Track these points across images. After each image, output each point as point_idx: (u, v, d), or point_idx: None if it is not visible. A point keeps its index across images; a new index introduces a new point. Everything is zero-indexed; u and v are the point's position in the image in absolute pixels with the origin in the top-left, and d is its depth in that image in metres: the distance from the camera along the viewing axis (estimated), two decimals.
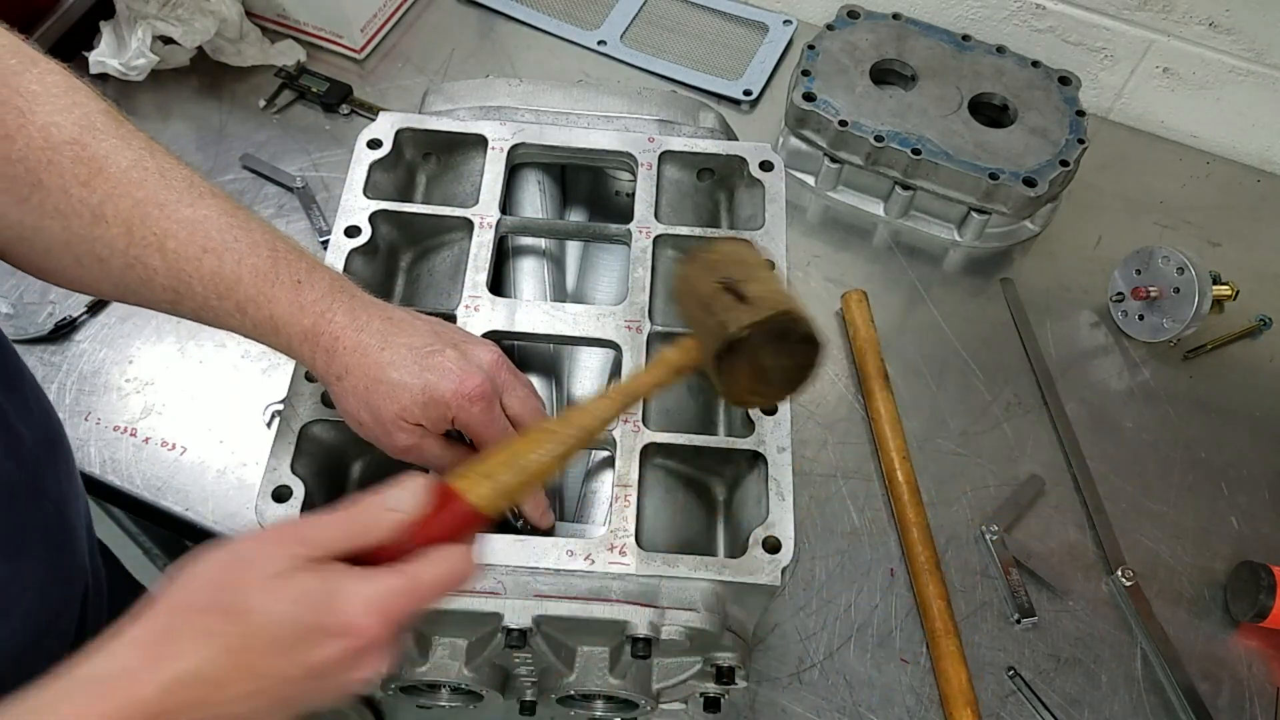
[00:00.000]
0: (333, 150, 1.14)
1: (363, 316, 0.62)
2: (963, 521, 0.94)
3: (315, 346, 0.62)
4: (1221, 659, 0.89)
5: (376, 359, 0.61)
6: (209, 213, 0.61)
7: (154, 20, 1.12)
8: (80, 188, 0.58)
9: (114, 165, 0.59)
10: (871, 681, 0.86)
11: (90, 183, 0.58)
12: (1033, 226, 1.14)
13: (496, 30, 1.29)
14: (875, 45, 1.15)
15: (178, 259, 0.60)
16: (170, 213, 0.60)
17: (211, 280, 0.60)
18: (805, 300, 1.06)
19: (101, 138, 0.59)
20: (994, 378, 1.04)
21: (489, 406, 0.63)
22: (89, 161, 0.59)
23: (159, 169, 0.61)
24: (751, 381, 0.56)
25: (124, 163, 0.59)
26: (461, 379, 0.62)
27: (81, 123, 0.59)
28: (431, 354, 0.62)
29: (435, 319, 0.67)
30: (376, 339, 0.62)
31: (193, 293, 0.61)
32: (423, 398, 0.61)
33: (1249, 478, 0.99)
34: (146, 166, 0.60)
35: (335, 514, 0.48)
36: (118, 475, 0.91)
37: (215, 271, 0.60)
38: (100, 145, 0.59)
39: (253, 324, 0.62)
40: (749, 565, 0.66)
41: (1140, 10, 1.16)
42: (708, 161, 0.86)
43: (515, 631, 0.64)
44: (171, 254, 0.60)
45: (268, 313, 0.61)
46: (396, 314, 0.64)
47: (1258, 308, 1.10)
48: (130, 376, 0.96)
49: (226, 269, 0.60)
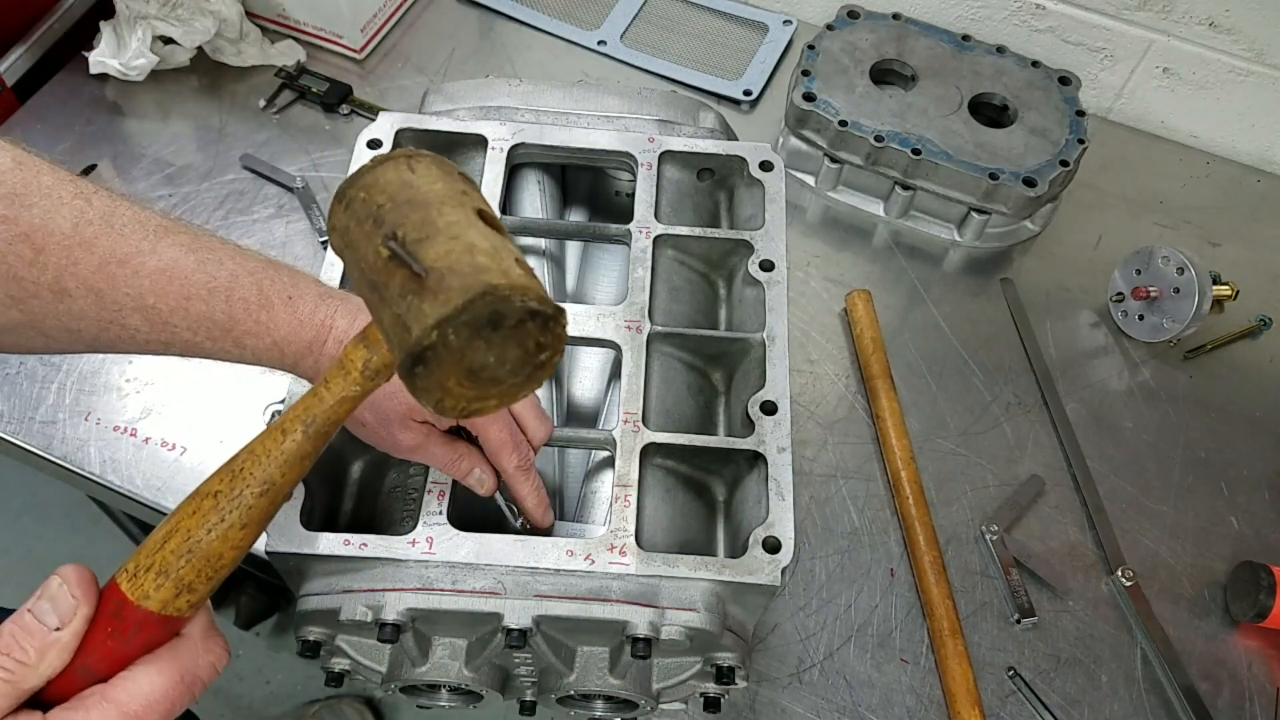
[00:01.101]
0: (333, 150, 1.14)
1: (361, 317, 0.61)
2: (963, 521, 0.94)
3: (319, 356, 0.61)
4: (1221, 659, 0.89)
5: None
6: (175, 254, 0.57)
7: (154, 20, 1.12)
8: (29, 268, 0.53)
9: (56, 231, 0.53)
10: (871, 681, 0.86)
11: (38, 260, 0.53)
12: (1033, 226, 1.14)
13: (496, 30, 1.29)
14: (875, 45, 1.15)
15: (159, 314, 0.57)
16: (136, 267, 0.55)
17: (202, 324, 0.58)
18: (805, 300, 1.07)
19: (30, 203, 0.53)
20: (994, 378, 1.04)
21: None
22: (27, 238, 0.53)
23: (103, 219, 0.55)
24: (467, 387, 0.41)
25: (65, 226, 0.54)
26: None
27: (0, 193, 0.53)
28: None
29: None
30: None
31: (182, 340, 0.59)
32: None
33: (1249, 478, 0.99)
34: (90, 220, 0.55)
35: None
36: (118, 475, 0.91)
37: (205, 316, 0.58)
38: (32, 214, 0.53)
39: (253, 354, 0.60)
40: (749, 565, 0.66)
41: (1140, 10, 1.16)
42: (708, 161, 0.86)
43: (515, 631, 0.64)
44: (152, 310, 0.57)
45: (269, 340, 0.59)
46: None
47: (1258, 308, 1.10)
48: (130, 376, 0.96)
49: (217, 312, 0.58)
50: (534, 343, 0.41)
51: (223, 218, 1.07)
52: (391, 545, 0.65)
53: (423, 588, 0.65)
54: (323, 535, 0.65)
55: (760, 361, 0.75)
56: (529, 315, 0.40)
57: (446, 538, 0.65)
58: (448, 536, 0.66)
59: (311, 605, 0.66)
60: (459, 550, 0.65)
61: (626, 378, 0.73)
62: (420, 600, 0.64)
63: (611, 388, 0.82)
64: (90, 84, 1.15)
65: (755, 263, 0.80)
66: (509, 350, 0.41)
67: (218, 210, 1.08)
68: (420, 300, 0.39)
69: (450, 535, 0.66)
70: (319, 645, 0.69)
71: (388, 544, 0.65)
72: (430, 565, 0.65)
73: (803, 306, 1.07)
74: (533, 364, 0.42)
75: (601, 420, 0.81)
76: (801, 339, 1.04)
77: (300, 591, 0.68)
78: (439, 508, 0.67)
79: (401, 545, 0.65)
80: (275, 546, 0.65)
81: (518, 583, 0.65)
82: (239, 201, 1.09)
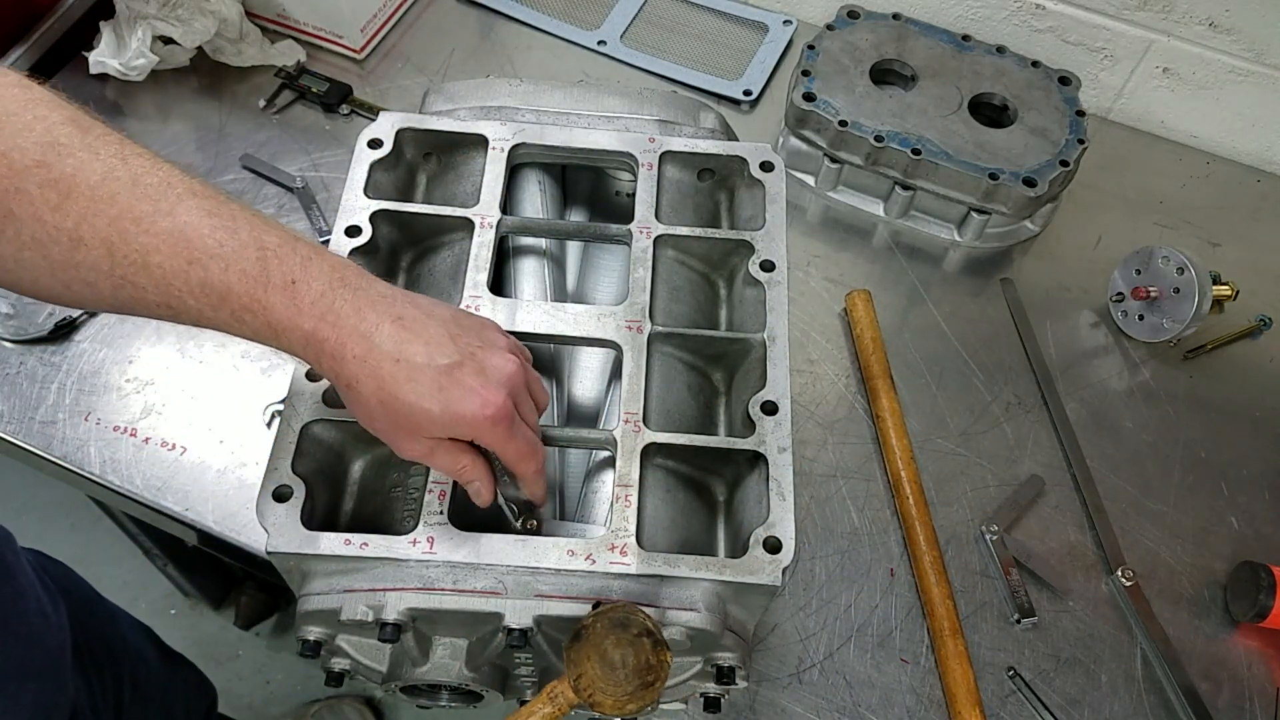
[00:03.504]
0: (333, 150, 1.14)
1: (370, 317, 0.59)
2: (963, 521, 0.94)
3: (320, 352, 0.59)
4: (1221, 659, 0.89)
5: (391, 373, 0.58)
6: (191, 218, 0.57)
7: (154, 20, 1.12)
8: (53, 213, 0.55)
9: (84, 183, 0.56)
10: (871, 681, 0.86)
11: (62, 206, 0.55)
12: (1033, 226, 1.14)
13: (496, 30, 1.29)
14: (875, 45, 1.15)
15: (164, 274, 0.57)
16: (148, 226, 0.56)
17: (202, 292, 0.57)
18: (805, 300, 1.07)
19: (66, 155, 0.56)
20: (994, 378, 1.04)
21: (510, 425, 0.61)
22: (57, 184, 0.55)
23: (132, 178, 0.57)
24: (599, 669, 0.58)
25: (94, 178, 0.56)
26: (484, 401, 0.59)
27: (44, 140, 0.56)
28: (449, 370, 0.59)
29: (450, 309, 0.64)
30: (390, 345, 0.58)
31: (186, 306, 0.58)
32: (443, 419, 0.59)
33: (1249, 478, 0.99)
34: (119, 177, 0.57)
35: None
36: (118, 475, 0.91)
37: (204, 282, 0.57)
38: (66, 164, 0.56)
39: (252, 331, 0.59)
40: (750, 565, 0.66)
41: (1140, 10, 1.16)
42: (708, 162, 0.86)
43: (516, 631, 0.64)
44: (157, 269, 0.57)
45: (264, 320, 0.58)
46: (408, 311, 0.60)
47: (1258, 308, 1.10)
48: (130, 376, 0.96)
49: (214, 278, 0.57)
50: (646, 659, 0.58)
51: None
52: (392, 545, 0.65)
53: (423, 587, 0.65)
54: (323, 535, 0.65)
55: (761, 361, 0.75)
56: (646, 632, 0.59)
57: (447, 538, 0.66)
58: (448, 536, 0.66)
59: (312, 605, 0.66)
60: (460, 550, 0.65)
61: (627, 378, 0.73)
62: (421, 600, 0.64)
63: (612, 388, 0.82)
64: (90, 84, 1.15)
65: (756, 263, 0.80)
66: (629, 654, 0.58)
67: None
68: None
69: (451, 535, 0.66)
70: (319, 645, 0.69)
71: (388, 544, 0.65)
72: (431, 565, 0.65)
73: (803, 306, 1.07)
74: (643, 681, 0.58)
75: (602, 420, 0.81)
76: (801, 339, 1.05)
77: (301, 591, 0.68)
78: (440, 508, 0.67)
79: (402, 545, 0.65)
80: (276, 546, 0.65)
81: (518, 582, 0.65)
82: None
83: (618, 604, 0.61)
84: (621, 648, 0.58)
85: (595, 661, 0.58)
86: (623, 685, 0.58)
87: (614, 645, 0.58)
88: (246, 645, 1.75)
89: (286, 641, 1.76)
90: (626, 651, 0.58)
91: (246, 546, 0.88)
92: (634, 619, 0.59)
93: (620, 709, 0.59)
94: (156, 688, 1.18)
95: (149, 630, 1.23)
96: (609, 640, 0.58)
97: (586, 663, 0.58)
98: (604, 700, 0.58)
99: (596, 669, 0.58)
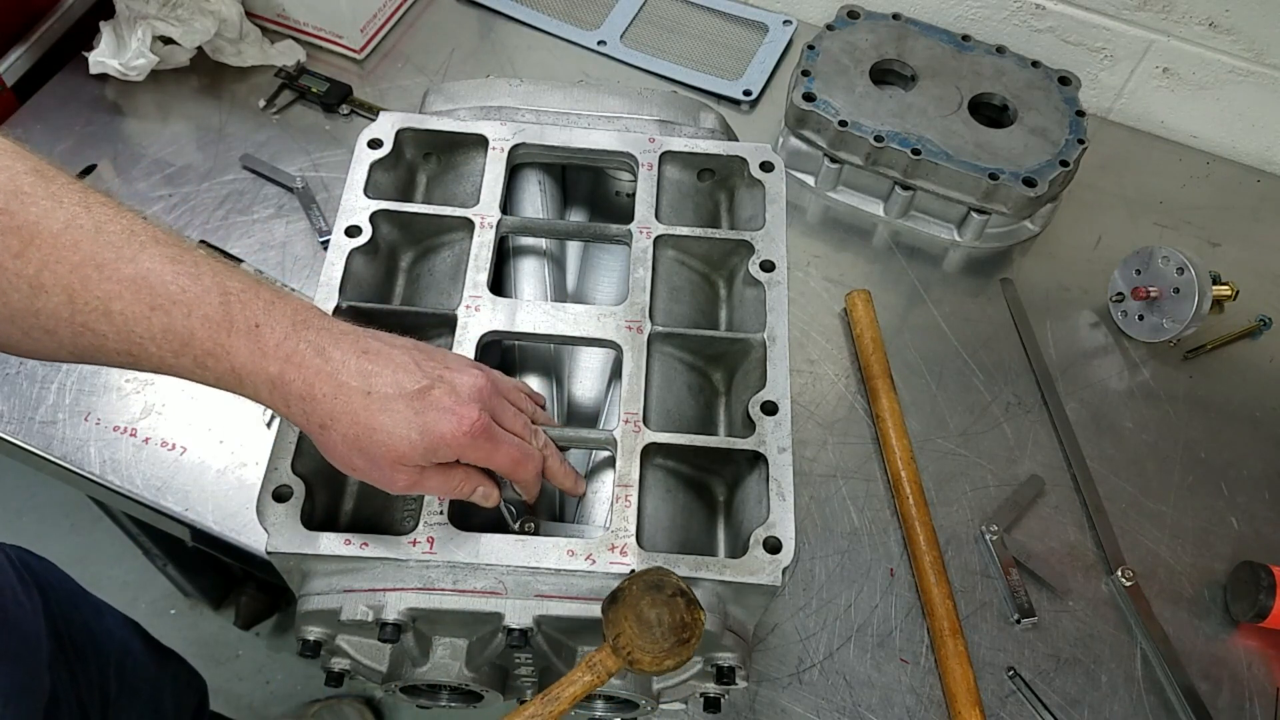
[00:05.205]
0: (333, 150, 1.14)
1: (335, 355, 0.59)
2: (963, 521, 0.94)
3: (288, 395, 0.58)
4: (1221, 659, 0.89)
5: (364, 405, 0.58)
6: (154, 264, 0.57)
7: (154, 20, 1.12)
8: (13, 260, 0.55)
9: (46, 230, 0.55)
10: (871, 681, 0.86)
11: (24, 254, 0.55)
12: (1033, 226, 1.14)
13: (496, 30, 1.29)
14: (875, 45, 1.15)
15: (125, 321, 0.56)
16: (111, 273, 0.56)
17: (164, 338, 0.57)
18: (805, 300, 1.07)
19: (30, 203, 0.56)
20: (994, 378, 1.04)
21: (490, 435, 0.61)
22: (19, 231, 0.55)
23: (95, 226, 0.57)
24: (637, 628, 0.59)
25: (56, 226, 0.56)
26: (459, 418, 0.59)
27: (7, 189, 0.55)
28: (421, 394, 0.59)
29: (408, 340, 0.64)
30: (357, 380, 0.58)
31: (147, 353, 0.58)
32: (423, 443, 0.59)
33: (1249, 478, 0.99)
34: (81, 225, 0.56)
35: None
36: (118, 475, 0.91)
37: (166, 328, 0.57)
38: (29, 211, 0.55)
39: (215, 377, 0.59)
40: (750, 565, 0.66)
41: (1140, 10, 1.16)
42: (708, 162, 0.86)
43: (516, 631, 0.64)
44: (119, 316, 0.56)
45: (228, 365, 0.58)
46: (371, 344, 0.61)
47: (1258, 308, 1.10)
48: (130, 376, 0.96)
49: (177, 324, 0.57)
50: (681, 617, 0.59)
51: (223, 218, 1.07)
52: (392, 545, 0.65)
53: (424, 588, 0.65)
54: (323, 535, 0.65)
55: (761, 362, 0.75)
56: (679, 592, 0.60)
57: (447, 538, 0.66)
58: (449, 537, 0.66)
59: (312, 605, 0.66)
60: (460, 550, 0.65)
61: (627, 378, 0.73)
62: (421, 600, 0.64)
63: (612, 388, 0.82)
64: (90, 84, 1.15)
65: (756, 263, 0.80)
66: (664, 613, 0.59)
67: (218, 210, 1.08)
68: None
69: (451, 535, 0.66)
70: (319, 645, 0.69)
71: (388, 544, 0.65)
72: (431, 565, 0.65)
73: (803, 306, 1.07)
74: (679, 638, 0.59)
75: (602, 420, 0.81)
76: (801, 339, 1.05)
77: (301, 591, 0.68)
78: (440, 508, 0.67)
79: (402, 545, 0.65)
80: (276, 546, 0.65)
81: (518, 582, 0.65)
82: (239, 202, 1.09)
83: (651, 568, 0.62)
84: (657, 607, 0.59)
85: (633, 621, 0.59)
86: (659, 642, 0.59)
87: (649, 605, 0.59)
88: (246, 645, 1.75)
89: (286, 641, 1.76)
90: (662, 611, 0.59)
91: (246, 546, 0.88)
92: (668, 580, 0.61)
93: (658, 665, 0.60)
94: (145, 681, 1.18)
95: (137, 625, 1.23)
96: (645, 601, 0.60)
97: (624, 623, 0.60)
98: (643, 658, 0.60)
99: (634, 628, 0.59)
